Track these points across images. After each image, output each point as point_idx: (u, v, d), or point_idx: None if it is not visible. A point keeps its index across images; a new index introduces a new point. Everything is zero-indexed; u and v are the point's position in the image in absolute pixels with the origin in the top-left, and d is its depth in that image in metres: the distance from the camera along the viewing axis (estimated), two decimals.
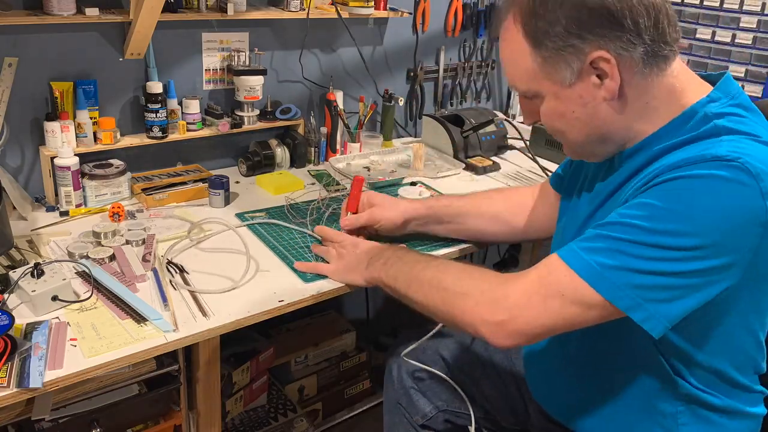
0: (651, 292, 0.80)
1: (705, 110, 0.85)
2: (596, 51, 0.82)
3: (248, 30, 1.67)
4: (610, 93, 0.85)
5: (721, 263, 0.79)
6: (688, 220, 0.77)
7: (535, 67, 0.87)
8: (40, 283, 1.05)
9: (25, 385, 0.88)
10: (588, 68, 0.84)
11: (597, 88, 0.85)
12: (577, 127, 0.90)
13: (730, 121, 0.83)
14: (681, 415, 0.95)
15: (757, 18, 2.27)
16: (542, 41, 0.84)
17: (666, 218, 0.78)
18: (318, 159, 1.82)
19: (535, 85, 0.89)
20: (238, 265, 1.24)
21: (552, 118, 0.91)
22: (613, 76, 0.83)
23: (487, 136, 1.95)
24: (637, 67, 0.84)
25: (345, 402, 1.99)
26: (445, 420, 1.28)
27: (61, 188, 1.40)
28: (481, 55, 2.26)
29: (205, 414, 1.23)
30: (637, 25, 0.81)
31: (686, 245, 0.78)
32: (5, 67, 1.33)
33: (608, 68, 0.83)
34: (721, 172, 0.77)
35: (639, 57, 0.83)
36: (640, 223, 0.80)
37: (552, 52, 0.84)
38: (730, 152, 0.78)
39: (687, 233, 0.77)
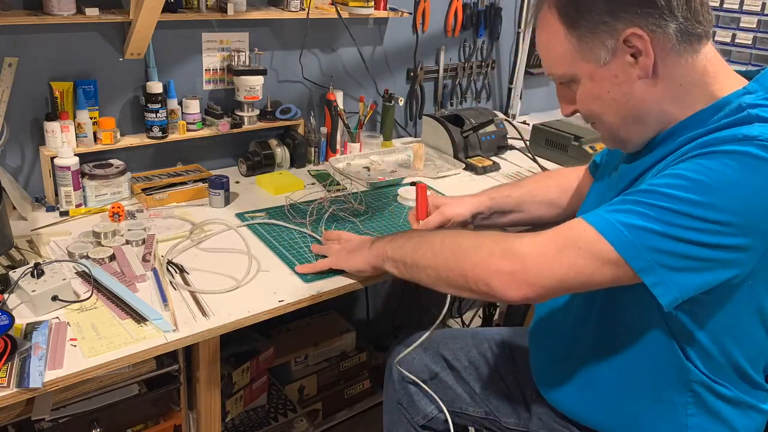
0: (667, 257, 0.79)
1: (740, 101, 0.85)
2: (629, 28, 0.83)
3: (248, 30, 1.67)
4: (645, 70, 0.85)
5: (740, 243, 0.79)
6: (717, 193, 0.77)
7: (570, 49, 0.88)
8: (40, 283, 1.05)
9: (25, 385, 0.88)
10: (622, 46, 0.84)
11: (631, 66, 0.86)
12: (614, 108, 0.90)
13: (765, 112, 0.83)
14: (690, 405, 0.94)
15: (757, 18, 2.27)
16: (576, 21, 0.86)
17: (695, 189, 0.78)
18: (318, 159, 1.82)
19: (572, 68, 0.90)
20: (238, 265, 1.24)
21: (588, 101, 0.92)
22: (647, 53, 0.84)
23: (487, 136, 1.95)
24: (670, 44, 0.84)
25: (345, 402, 1.99)
26: (446, 421, 1.28)
27: (61, 188, 1.40)
28: (481, 55, 2.26)
29: (205, 414, 1.23)
30: (669, 2, 0.82)
31: (711, 218, 0.78)
32: (5, 67, 1.33)
33: (642, 45, 0.83)
34: (753, 149, 0.77)
35: (672, 34, 0.83)
36: (669, 191, 0.80)
37: (586, 31, 0.85)
38: (763, 133, 0.78)
39: (713, 206, 0.77)
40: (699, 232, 0.78)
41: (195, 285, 1.16)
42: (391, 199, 1.61)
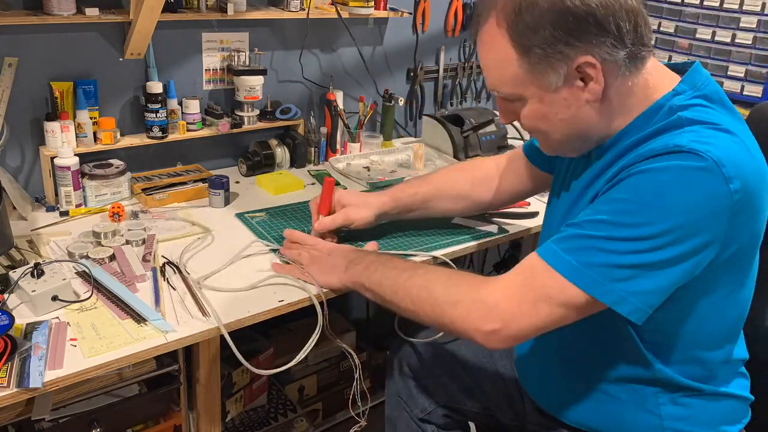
0: (634, 283, 0.83)
1: (670, 103, 0.88)
2: (582, 56, 0.84)
3: (248, 30, 1.67)
4: (594, 95, 0.88)
5: (695, 244, 0.81)
6: (657, 210, 0.80)
7: (521, 73, 0.88)
8: (40, 283, 1.05)
9: (25, 385, 0.88)
10: (573, 72, 0.86)
11: (581, 90, 0.88)
12: (560, 128, 0.93)
13: (693, 112, 0.86)
14: (660, 395, 0.97)
15: (757, 18, 2.27)
16: (529, 48, 0.86)
17: (635, 212, 0.82)
18: (318, 159, 1.82)
19: (520, 90, 0.90)
20: (238, 264, 1.24)
21: (534, 120, 0.94)
22: (598, 80, 0.86)
23: (487, 136, 1.95)
24: (619, 71, 0.87)
25: (345, 402, 1.99)
26: (444, 414, 1.29)
27: (61, 188, 1.40)
28: None
29: (205, 414, 1.23)
30: (620, 30, 0.84)
31: (658, 233, 0.80)
32: (5, 67, 1.33)
33: (593, 72, 0.86)
34: (684, 162, 0.80)
35: (622, 60, 0.86)
36: (612, 219, 0.83)
37: (539, 58, 0.86)
38: (691, 141, 0.81)
39: (657, 222, 0.80)
40: (653, 251, 0.81)
41: (195, 285, 1.16)
42: None
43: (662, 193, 0.80)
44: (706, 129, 0.84)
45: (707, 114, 0.86)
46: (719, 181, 0.79)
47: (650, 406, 0.98)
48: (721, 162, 0.79)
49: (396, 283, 1.03)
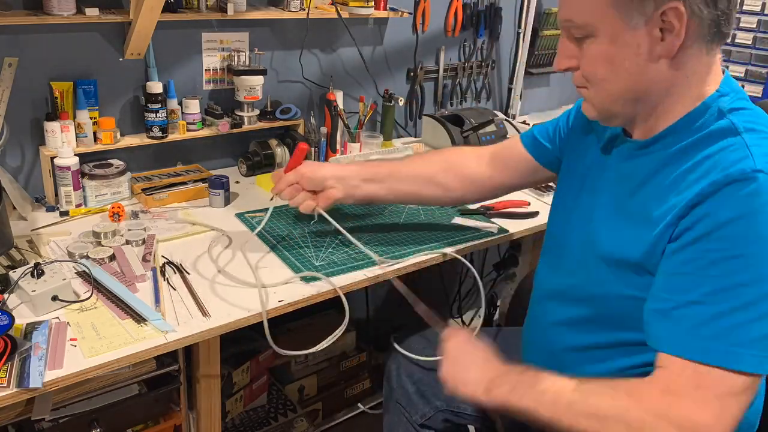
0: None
1: (718, 105, 0.86)
2: (674, 1, 0.79)
3: (248, 30, 1.67)
4: (669, 50, 0.82)
5: None
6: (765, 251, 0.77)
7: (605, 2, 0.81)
8: (40, 283, 1.05)
9: (25, 385, 0.88)
10: (657, 18, 0.80)
11: (657, 42, 0.82)
12: (622, 78, 0.86)
13: (742, 117, 0.84)
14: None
15: (757, 18, 2.27)
16: None
17: (753, 265, 0.77)
18: (318, 159, 1.82)
19: (597, 20, 0.83)
20: (238, 265, 1.24)
21: (597, 63, 0.86)
22: (679, 34, 0.80)
23: (487, 136, 1.95)
24: (701, 34, 0.81)
25: (345, 402, 1.99)
26: (445, 419, 1.28)
27: (61, 188, 1.40)
28: (481, 55, 2.25)
29: (205, 414, 1.23)
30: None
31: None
32: (5, 67, 1.33)
33: (677, 23, 0.80)
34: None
35: (707, 23, 0.81)
36: (735, 280, 0.78)
37: None
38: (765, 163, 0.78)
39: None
40: None
41: (195, 285, 1.16)
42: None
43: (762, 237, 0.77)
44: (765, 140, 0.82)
45: (755, 119, 0.85)
46: None
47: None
48: None
49: (558, 411, 0.88)
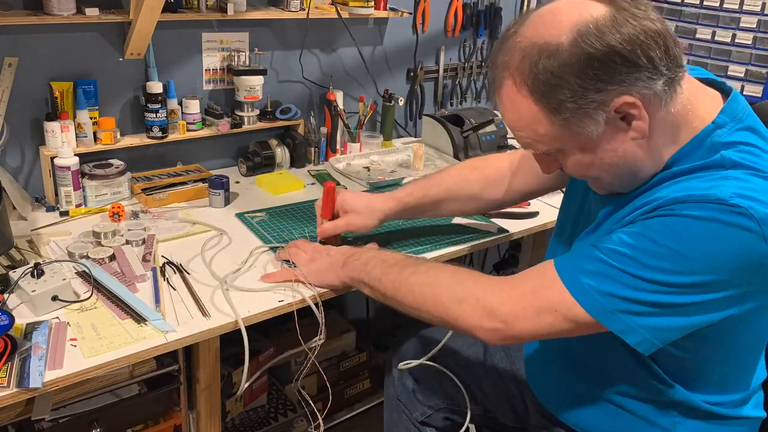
0: (646, 318, 0.81)
1: (711, 139, 0.84)
2: (619, 98, 0.78)
3: (248, 30, 1.67)
4: (641, 133, 0.82)
5: (720, 296, 0.79)
6: (684, 260, 0.78)
7: (556, 129, 0.82)
8: (40, 283, 1.05)
9: (25, 385, 0.88)
10: (613, 116, 0.80)
11: (625, 132, 0.82)
12: (610, 171, 0.87)
13: (737, 152, 0.82)
14: (676, 415, 0.96)
15: (757, 18, 2.27)
16: (558, 105, 0.79)
17: (661, 255, 0.79)
18: (318, 159, 1.82)
19: (559, 144, 0.85)
20: (238, 265, 1.24)
21: (581, 169, 0.88)
22: (642, 117, 0.80)
23: (487, 136, 1.95)
24: (662, 101, 0.81)
25: (345, 402, 1.99)
26: (445, 418, 1.28)
27: (61, 188, 1.40)
28: (481, 55, 2.26)
29: (205, 414, 1.23)
30: (652, 60, 0.77)
31: (685, 282, 0.78)
32: (5, 67, 1.33)
33: (636, 111, 0.80)
34: (723, 216, 0.76)
35: (660, 90, 0.79)
36: (636, 256, 0.80)
37: (572, 112, 0.80)
38: (735, 195, 0.76)
39: (682, 272, 0.78)
40: (671, 295, 0.79)
41: (195, 285, 1.16)
42: None
43: (693, 243, 0.77)
44: (751, 176, 0.79)
45: (752, 155, 0.82)
46: (758, 240, 0.76)
47: (666, 424, 0.96)
48: (764, 221, 0.75)
49: (397, 279, 1.02)
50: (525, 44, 0.80)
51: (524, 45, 0.80)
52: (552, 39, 0.78)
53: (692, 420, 0.96)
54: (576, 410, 1.06)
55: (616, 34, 0.76)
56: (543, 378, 1.14)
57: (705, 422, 0.96)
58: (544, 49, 0.78)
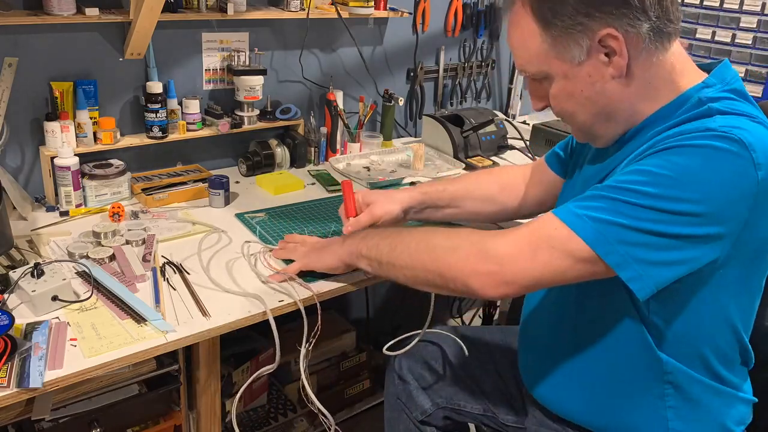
0: (641, 250, 0.82)
1: (699, 95, 0.88)
2: (604, 29, 0.84)
3: (248, 30, 1.67)
4: (618, 70, 0.87)
5: (712, 232, 0.81)
6: (684, 186, 0.80)
7: (545, 48, 0.88)
8: (40, 283, 1.05)
9: (25, 385, 0.88)
10: (597, 46, 0.85)
11: (605, 65, 0.87)
12: (587, 106, 0.91)
13: (723, 105, 0.85)
14: (668, 397, 0.96)
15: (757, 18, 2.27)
16: (551, 21, 0.86)
17: (662, 184, 0.80)
18: (318, 159, 1.82)
19: (546, 66, 0.90)
20: (238, 265, 1.24)
21: (561, 100, 0.93)
22: (622, 53, 0.85)
23: (487, 136, 1.95)
24: (643, 44, 0.85)
25: (345, 402, 1.99)
26: (445, 416, 1.29)
27: (61, 188, 1.40)
28: (481, 55, 2.26)
29: (205, 414, 1.23)
30: (643, 2, 0.83)
31: (681, 210, 0.80)
32: (5, 67, 1.33)
33: (616, 45, 0.85)
34: (715, 142, 0.79)
35: (645, 33, 0.84)
36: (637, 187, 0.82)
37: (561, 31, 0.86)
38: (723, 125, 0.81)
39: (682, 199, 0.79)
40: (670, 224, 0.80)
41: (195, 285, 1.16)
42: None
43: (689, 170, 0.79)
44: (738, 118, 0.83)
45: (738, 106, 0.86)
46: (748, 165, 0.79)
47: (656, 406, 0.97)
48: (752, 147, 0.79)
49: (394, 241, 1.03)
50: None
51: None
52: None
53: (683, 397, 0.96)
54: (571, 402, 1.06)
55: None
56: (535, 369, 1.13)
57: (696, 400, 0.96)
58: None
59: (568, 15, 0.85)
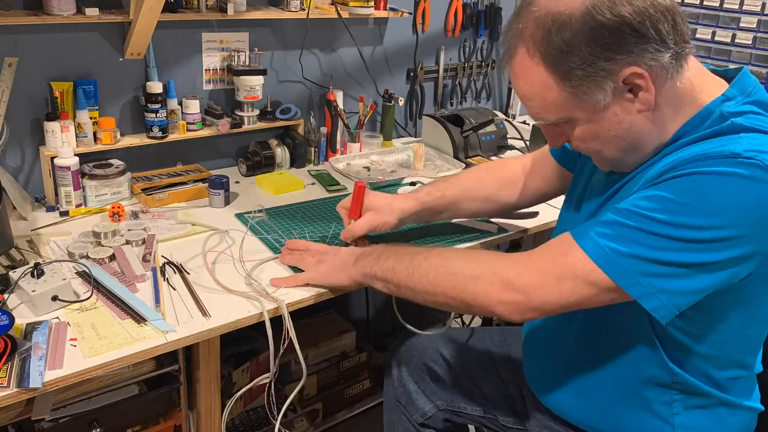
0: (665, 281, 0.81)
1: (721, 109, 0.85)
2: (627, 68, 0.81)
3: (248, 30, 1.67)
4: (647, 104, 0.85)
5: (737, 254, 0.80)
6: (709, 214, 0.78)
7: (565, 97, 0.85)
8: (40, 283, 1.05)
9: (25, 385, 0.88)
10: (621, 87, 0.83)
11: (631, 102, 0.85)
12: (614, 144, 0.89)
13: (747, 120, 0.83)
14: (676, 404, 0.96)
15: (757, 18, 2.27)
16: (569, 71, 0.83)
17: (681, 212, 0.79)
18: (318, 159, 1.82)
19: (567, 113, 0.87)
20: (238, 264, 1.24)
21: (586, 141, 0.90)
22: (649, 89, 0.83)
23: (487, 136, 1.95)
24: (668, 74, 0.83)
25: (345, 402, 1.99)
26: (445, 419, 1.28)
27: (61, 188, 1.40)
28: (481, 55, 2.26)
29: (205, 414, 1.23)
30: (660, 33, 0.80)
31: (705, 237, 0.78)
32: (5, 67, 1.33)
33: (642, 82, 0.82)
34: (738, 169, 0.77)
35: (667, 63, 0.82)
36: (655, 216, 0.80)
37: (582, 80, 0.83)
38: (749, 149, 0.78)
39: (705, 227, 0.78)
40: (692, 252, 0.79)
41: (195, 285, 1.16)
42: None
43: (711, 197, 0.78)
44: (764, 137, 0.81)
45: (762, 121, 0.83)
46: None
47: (664, 413, 0.97)
48: None
49: (411, 265, 1.01)
50: (540, 13, 0.83)
51: (539, 14, 0.83)
52: (566, 9, 0.81)
53: (690, 405, 0.96)
54: (577, 406, 1.05)
55: (627, 6, 0.79)
56: (543, 375, 1.13)
57: (703, 409, 0.96)
58: (558, 18, 0.81)
59: (587, 63, 0.81)
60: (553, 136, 0.95)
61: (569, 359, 1.06)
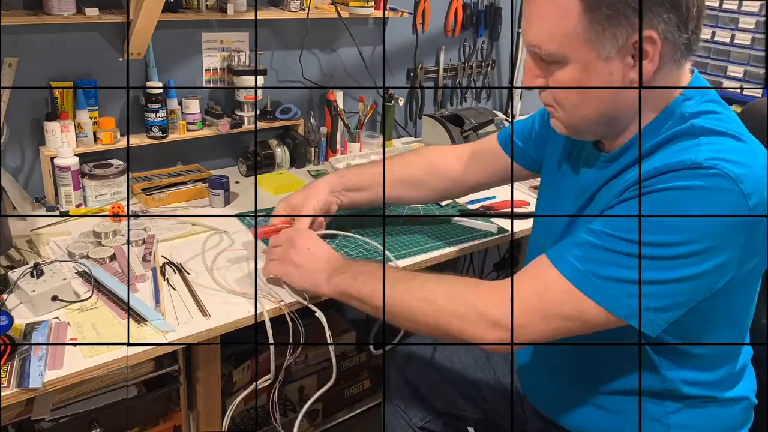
0: (651, 300, 0.81)
1: (681, 110, 0.86)
2: (647, 29, 0.78)
3: (248, 30, 1.67)
4: (644, 77, 0.81)
5: (717, 262, 0.80)
6: (676, 231, 0.78)
7: (578, 30, 0.80)
8: (39, 283, 1.05)
9: (25, 385, 0.88)
10: (630, 47, 0.80)
11: (629, 69, 0.82)
12: (594, 104, 0.86)
13: (706, 120, 0.84)
14: (669, 404, 0.96)
15: (756, 19, 2.28)
16: (597, 7, 0.79)
17: (654, 231, 0.79)
18: (318, 159, 1.82)
19: (569, 50, 0.82)
20: (238, 264, 1.24)
21: (568, 91, 0.86)
22: (653, 60, 0.81)
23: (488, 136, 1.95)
24: (674, 56, 0.82)
25: (345, 402, 1.99)
26: (444, 423, 1.28)
27: (61, 188, 1.40)
28: (481, 55, 2.25)
29: (205, 414, 1.23)
30: (689, 12, 0.79)
31: (682, 253, 0.79)
32: (5, 67, 1.33)
33: (651, 50, 0.80)
34: (701, 182, 0.77)
35: (680, 45, 0.81)
36: (631, 237, 0.80)
37: (603, 18, 0.79)
38: (709, 158, 0.78)
39: (677, 243, 0.78)
40: (672, 269, 0.79)
41: (195, 285, 1.16)
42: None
43: (681, 212, 0.78)
44: (722, 139, 0.81)
45: (721, 121, 0.84)
46: (738, 198, 0.77)
47: (658, 415, 0.97)
48: (739, 179, 0.77)
49: (391, 296, 0.97)
50: None
51: None
52: None
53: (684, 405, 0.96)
54: (571, 412, 1.05)
55: None
56: (537, 384, 1.13)
57: (698, 408, 0.96)
58: None
59: (617, 5, 0.78)
60: (533, 72, 0.89)
61: (562, 365, 1.06)
